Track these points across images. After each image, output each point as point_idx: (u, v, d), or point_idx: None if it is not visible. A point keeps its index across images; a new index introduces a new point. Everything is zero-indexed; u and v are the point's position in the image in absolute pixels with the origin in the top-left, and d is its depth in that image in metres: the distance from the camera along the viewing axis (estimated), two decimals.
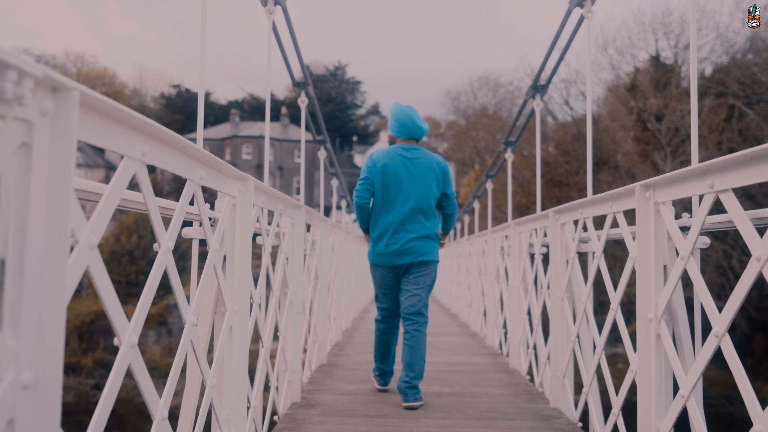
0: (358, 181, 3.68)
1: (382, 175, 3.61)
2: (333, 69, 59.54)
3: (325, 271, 4.79)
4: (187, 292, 1.84)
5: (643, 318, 2.17)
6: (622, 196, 2.44)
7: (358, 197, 3.64)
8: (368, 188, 3.64)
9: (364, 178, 3.65)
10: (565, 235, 3.38)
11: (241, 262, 2.20)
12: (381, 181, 3.61)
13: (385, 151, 3.68)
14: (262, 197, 2.57)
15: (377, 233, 3.66)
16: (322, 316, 4.73)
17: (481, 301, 7.09)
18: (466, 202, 11.31)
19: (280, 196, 2.94)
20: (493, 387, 4.04)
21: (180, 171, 1.60)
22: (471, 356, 5.45)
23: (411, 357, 3.52)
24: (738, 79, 23.93)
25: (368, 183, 3.64)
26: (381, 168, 3.61)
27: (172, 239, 1.54)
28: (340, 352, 5.47)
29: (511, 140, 6.08)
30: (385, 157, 3.64)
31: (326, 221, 4.72)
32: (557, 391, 3.42)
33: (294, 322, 3.41)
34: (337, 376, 4.28)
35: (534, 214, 4.07)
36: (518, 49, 67.51)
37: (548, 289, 3.83)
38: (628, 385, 2.41)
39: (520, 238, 4.65)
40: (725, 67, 25.16)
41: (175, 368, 1.58)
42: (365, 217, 3.73)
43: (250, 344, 2.39)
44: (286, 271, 3.28)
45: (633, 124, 25.80)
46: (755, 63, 23.97)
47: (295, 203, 3.38)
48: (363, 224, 3.77)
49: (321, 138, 6.27)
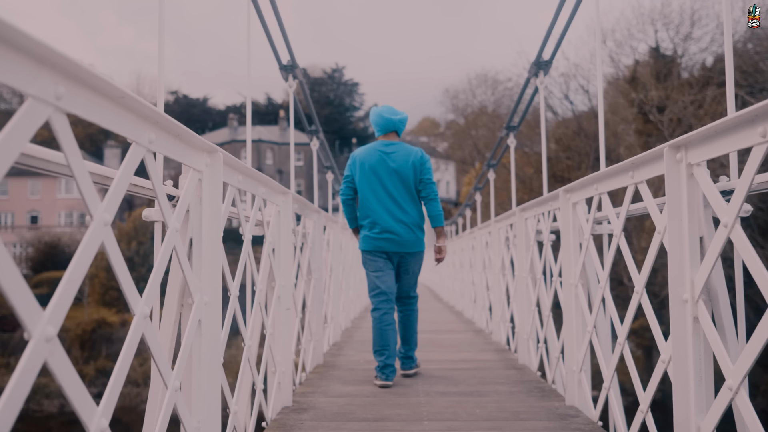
0: (342, 180, 3.95)
1: (362, 170, 3.84)
2: (330, 71, 59.28)
3: (319, 267, 4.49)
4: None
5: (676, 299, 1.87)
6: (646, 162, 2.14)
7: (341, 194, 3.95)
8: (350, 185, 3.91)
9: (345, 177, 3.93)
10: (577, 216, 3.09)
11: (211, 247, 1.91)
12: (361, 176, 3.84)
13: (365, 148, 3.92)
14: (237, 176, 2.28)
15: (364, 224, 3.89)
16: (318, 314, 4.44)
17: (486, 296, 6.79)
18: (467, 195, 11.00)
19: (261, 178, 2.65)
20: (502, 385, 3.73)
21: (119, 129, 1.31)
22: (477, 353, 5.14)
23: (405, 332, 4.00)
24: (740, 68, 23.60)
25: (349, 180, 3.91)
26: (360, 164, 3.85)
27: (109, 211, 1.24)
28: (338, 352, 5.17)
29: (513, 125, 5.77)
30: (364, 154, 3.88)
31: (319, 212, 4.43)
32: (573, 387, 3.12)
33: (283, 319, 3.12)
34: (333, 377, 3.98)
35: (541, 197, 3.77)
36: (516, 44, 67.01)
37: (560, 277, 3.53)
38: (658, 378, 2.11)
39: (527, 225, 4.35)
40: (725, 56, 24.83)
41: (118, 369, 1.29)
42: (351, 214, 3.99)
43: (226, 341, 2.10)
44: (272, 264, 2.98)
45: (634, 117, 25.49)
46: (757, 52, 23.64)
47: (282, 189, 3.09)
48: (350, 221, 4.01)
49: (313, 128, 5.96)
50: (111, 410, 1.24)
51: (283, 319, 3.11)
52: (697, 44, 26.51)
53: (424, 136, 54.85)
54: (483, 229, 6.99)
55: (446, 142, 45.40)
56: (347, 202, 3.94)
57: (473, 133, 37.82)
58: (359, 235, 3.95)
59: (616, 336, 2.54)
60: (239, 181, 2.30)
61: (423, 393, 3.47)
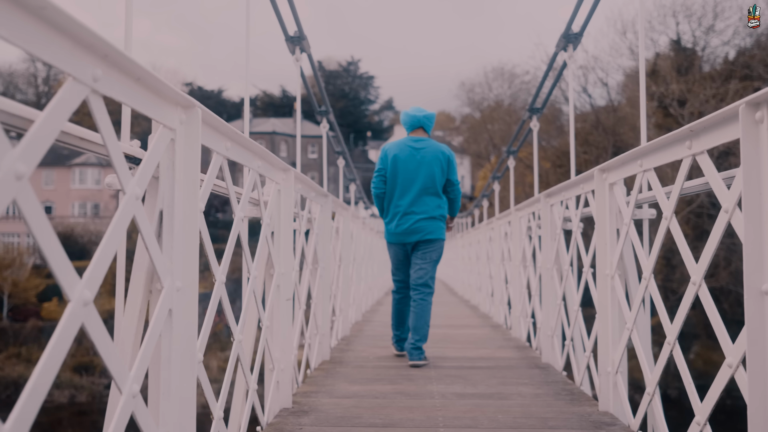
0: (374, 173, 4.14)
1: (393, 164, 4.07)
2: (346, 65, 58.92)
3: (326, 256, 4.17)
4: None
5: (754, 291, 1.52)
6: (712, 126, 1.78)
7: (374, 188, 4.17)
8: (382, 178, 4.13)
9: (377, 170, 4.14)
10: (615, 198, 2.73)
11: (186, 222, 1.59)
12: (392, 169, 4.07)
13: (396, 143, 4.16)
14: (225, 142, 1.95)
15: (390, 215, 4.14)
16: (325, 307, 4.11)
17: (504, 290, 6.43)
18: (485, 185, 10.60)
19: (256, 149, 2.32)
20: (526, 386, 3.38)
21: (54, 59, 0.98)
22: (496, 350, 4.78)
23: (416, 322, 3.99)
24: (764, 62, 22.95)
25: (381, 174, 4.13)
26: (392, 158, 4.07)
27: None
28: (346, 347, 4.85)
29: (536, 107, 5.39)
30: (395, 148, 4.10)
31: (327, 196, 4.10)
32: (607, 390, 2.76)
33: (282, 311, 2.79)
34: (339, 375, 3.66)
35: (570, 180, 3.42)
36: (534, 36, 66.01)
37: (591, 269, 3.18)
38: (722, 387, 1.75)
39: (552, 212, 3.99)
40: (749, 50, 24.22)
41: None
42: (383, 205, 4.21)
43: (207, 336, 1.78)
44: (271, 249, 2.66)
45: (654, 111, 24.89)
46: None
47: (284, 165, 2.76)
48: (381, 211, 4.26)
49: (323, 109, 5.62)
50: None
51: (282, 310, 2.79)
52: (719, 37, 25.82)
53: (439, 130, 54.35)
54: (501, 219, 6.62)
55: (461, 136, 44.89)
56: (379, 195, 4.16)
57: (489, 127, 37.31)
58: (385, 226, 4.24)
59: None
60: (227, 148, 1.97)
61: (438, 395, 3.14)
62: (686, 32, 26.57)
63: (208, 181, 1.82)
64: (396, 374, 3.71)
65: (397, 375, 3.68)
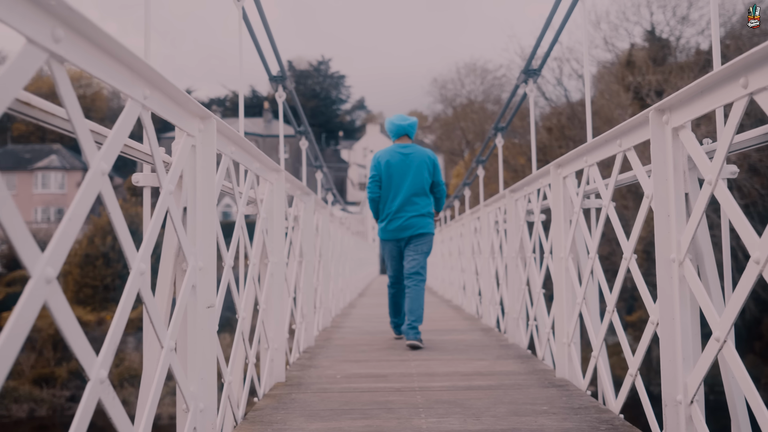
0: (369, 180, 4.62)
1: (387, 169, 4.53)
2: (316, 64, 59.12)
3: (310, 249, 4.51)
4: None
5: (663, 259, 1.91)
6: (633, 127, 2.17)
7: (370, 192, 4.62)
8: (377, 183, 4.58)
9: (372, 176, 4.60)
10: (567, 190, 3.12)
11: (205, 214, 1.92)
12: (386, 174, 4.53)
13: (386, 150, 4.62)
14: (231, 146, 2.29)
15: (384, 215, 4.59)
16: (309, 297, 4.46)
17: (476, 282, 6.83)
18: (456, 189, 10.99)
19: (255, 152, 2.66)
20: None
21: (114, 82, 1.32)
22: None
23: (411, 305, 4.37)
24: (740, 50, 23.54)
25: (376, 179, 4.58)
26: (385, 164, 4.54)
27: (107, 160, 1.24)
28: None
29: (501, 126, 5.83)
30: (387, 155, 4.57)
31: (310, 194, 4.44)
32: (562, 358, 3.16)
33: (276, 295, 3.13)
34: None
35: (531, 175, 3.81)
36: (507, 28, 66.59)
37: (551, 254, 3.57)
38: (648, 341, 2.14)
39: (517, 206, 4.39)
40: (722, 39, 24.83)
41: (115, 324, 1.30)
42: (378, 207, 4.64)
43: (221, 310, 2.12)
44: (266, 240, 3.00)
45: (630, 102, 25.20)
46: (755, 33, 23.62)
47: (275, 166, 3.10)
48: (375, 214, 4.70)
49: (302, 129, 6.03)
50: (109, 362, 1.23)
51: (276, 295, 3.13)
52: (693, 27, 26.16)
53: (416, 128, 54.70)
54: (472, 215, 7.03)
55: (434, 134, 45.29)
56: (375, 199, 4.60)
57: (462, 125, 37.68)
58: (378, 225, 4.69)
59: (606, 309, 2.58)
60: (233, 152, 2.31)
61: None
62: (660, 22, 26.78)
63: (219, 179, 2.15)
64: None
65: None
